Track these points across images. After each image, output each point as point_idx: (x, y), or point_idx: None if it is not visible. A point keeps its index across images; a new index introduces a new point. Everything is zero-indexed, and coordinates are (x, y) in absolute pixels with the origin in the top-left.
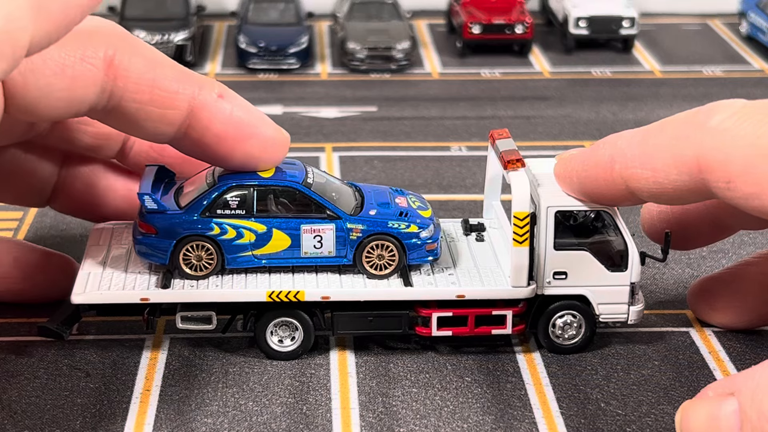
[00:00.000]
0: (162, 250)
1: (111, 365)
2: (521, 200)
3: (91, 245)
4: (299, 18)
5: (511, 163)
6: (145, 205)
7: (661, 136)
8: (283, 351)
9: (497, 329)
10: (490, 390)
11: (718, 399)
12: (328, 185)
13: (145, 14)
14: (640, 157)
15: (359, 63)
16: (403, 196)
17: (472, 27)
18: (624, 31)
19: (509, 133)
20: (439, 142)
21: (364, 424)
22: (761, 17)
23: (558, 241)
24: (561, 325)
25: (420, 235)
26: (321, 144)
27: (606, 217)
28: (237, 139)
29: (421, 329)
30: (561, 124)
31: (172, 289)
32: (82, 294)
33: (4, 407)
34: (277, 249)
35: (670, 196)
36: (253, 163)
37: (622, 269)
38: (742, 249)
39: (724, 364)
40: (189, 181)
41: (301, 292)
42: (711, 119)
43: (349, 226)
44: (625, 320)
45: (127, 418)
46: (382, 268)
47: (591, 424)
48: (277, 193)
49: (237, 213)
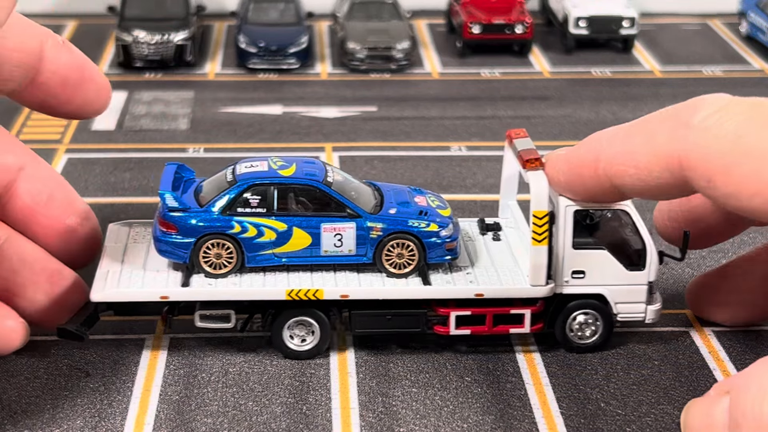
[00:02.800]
0: (183, 248)
1: (111, 365)
2: (540, 199)
3: (109, 244)
4: (299, 18)
5: (529, 163)
6: (165, 203)
7: (643, 132)
8: (300, 350)
9: (515, 328)
10: (490, 390)
11: (715, 397)
12: (347, 184)
13: (145, 14)
14: (623, 154)
15: (359, 63)
16: (422, 195)
17: (472, 27)
18: (624, 31)
19: (527, 132)
20: (439, 142)
21: (364, 424)
22: (761, 17)
23: (576, 240)
24: (579, 324)
25: (440, 234)
26: (321, 144)
27: (624, 216)
28: (78, 83)
29: (439, 328)
30: (561, 124)
31: (192, 287)
32: (102, 292)
33: (4, 407)
34: (298, 247)
35: (654, 192)
36: (88, 108)
37: (640, 268)
38: (741, 249)
39: (724, 364)
40: (208, 179)
41: (320, 290)
42: (694, 117)
43: (369, 225)
44: (642, 319)
45: (127, 418)
46: (401, 267)
47: (591, 424)
48: (297, 192)
49: (257, 211)
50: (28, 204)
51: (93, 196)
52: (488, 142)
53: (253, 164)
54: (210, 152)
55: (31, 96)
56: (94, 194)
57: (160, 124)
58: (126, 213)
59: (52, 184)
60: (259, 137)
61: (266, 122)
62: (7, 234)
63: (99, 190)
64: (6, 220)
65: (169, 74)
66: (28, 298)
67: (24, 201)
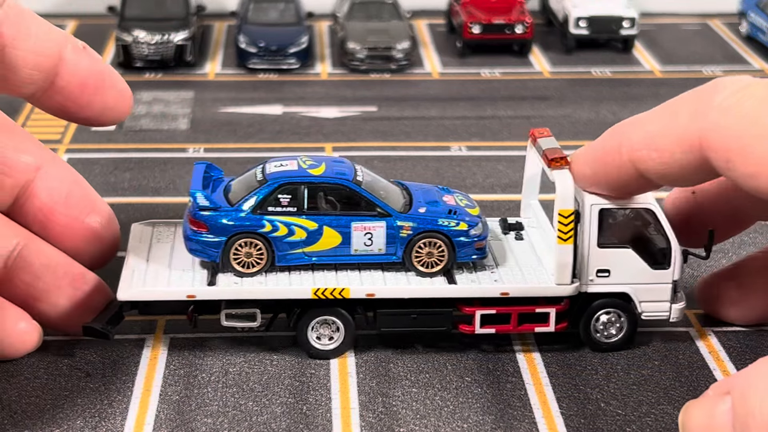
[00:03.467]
0: (213, 247)
1: (111, 365)
2: (566, 198)
3: (132, 243)
4: (299, 18)
5: (555, 161)
6: (196, 202)
7: (665, 116)
8: (324, 350)
9: (540, 327)
10: (490, 390)
11: (715, 398)
12: (376, 183)
13: (144, 14)
14: (645, 138)
15: (359, 63)
16: (450, 195)
17: (472, 27)
18: (624, 31)
19: (550, 132)
20: (439, 142)
21: (364, 424)
22: (761, 17)
23: (601, 239)
24: (603, 322)
25: (469, 233)
26: (321, 144)
27: (648, 214)
28: (98, 88)
29: (464, 327)
30: (561, 124)
31: (218, 286)
32: (128, 291)
33: (4, 407)
34: (328, 246)
35: (677, 175)
36: (108, 115)
37: (665, 267)
38: (741, 249)
39: (724, 364)
40: (237, 178)
41: (346, 289)
42: (714, 98)
43: (399, 224)
44: (667, 318)
45: (127, 418)
46: (431, 266)
47: (591, 424)
48: (327, 191)
49: (288, 210)
50: (46, 203)
51: None
52: (488, 142)
53: (282, 163)
54: (210, 152)
55: (51, 100)
56: None
57: (160, 124)
58: (126, 213)
59: (70, 182)
60: (259, 137)
61: (266, 122)
62: (27, 239)
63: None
64: (25, 220)
65: (169, 74)
66: (51, 302)
67: (42, 200)
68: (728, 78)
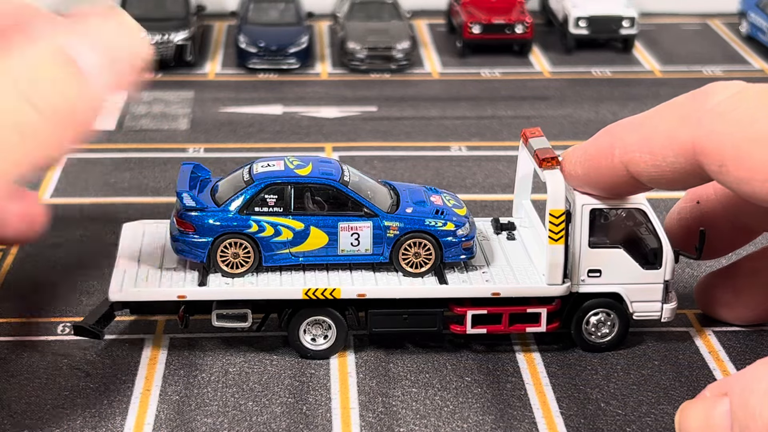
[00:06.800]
0: (200, 248)
1: (111, 365)
2: (557, 198)
3: (123, 243)
4: (299, 18)
5: (546, 161)
6: (183, 202)
7: (658, 119)
8: (316, 350)
9: (531, 327)
10: (490, 390)
11: (713, 399)
12: (363, 183)
13: (145, 14)
14: (638, 141)
15: (359, 63)
16: (438, 195)
17: (472, 27)
18: (624, 31)
19: (542, 131)
20: (439, 142)
21: (364, 424)
22: (761, 17)
23: (592, 239)
24: (594, 323)
25: (456, 233)
26: (321, 144)
27: (640, 214)
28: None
29: (455, 327)
30: (561, 124)
31: (209, 286)
32: (119, 292)
33: (4, 407)
34: (315, 246)
35: (669, 179)
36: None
37: (656, 267)
38: (742, 250)
39: (724, 364)
40: (224, 179)
41: (337, 289)
42: (708, 102)
43: (386, 224)
44: (658, 318)
45: (127, 418)
46: (418, 266)
47: (591, 424)
48: (314, 191)
49: (274, 210)
50: None
51: (93, 196)
52: (488, 142)
53: (269, 163)
54: (210, 152)
55: None
56: (95, 194)
57: (160, 124)
58: (126, 213)
59: None
60: (259, 137)
61: (266, 122)
62: None
63: (99, 190)
64: None
65: (169, 74)
66: None
67: None
68: (722, 82)
